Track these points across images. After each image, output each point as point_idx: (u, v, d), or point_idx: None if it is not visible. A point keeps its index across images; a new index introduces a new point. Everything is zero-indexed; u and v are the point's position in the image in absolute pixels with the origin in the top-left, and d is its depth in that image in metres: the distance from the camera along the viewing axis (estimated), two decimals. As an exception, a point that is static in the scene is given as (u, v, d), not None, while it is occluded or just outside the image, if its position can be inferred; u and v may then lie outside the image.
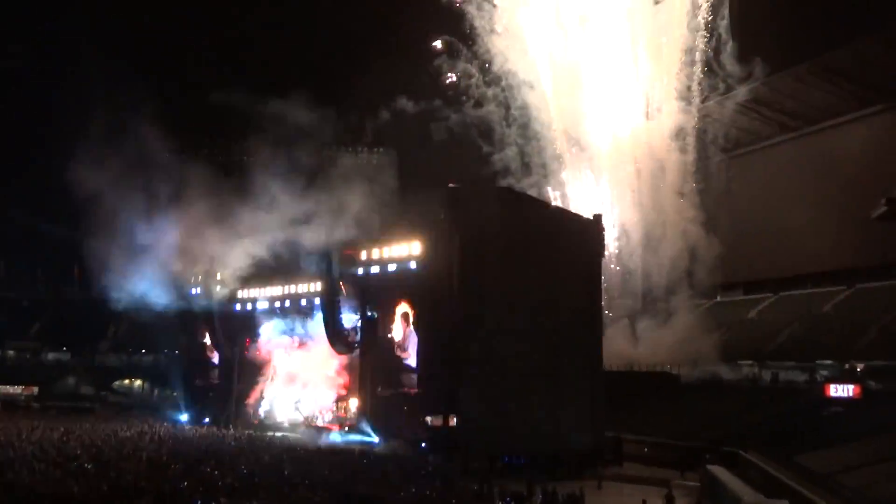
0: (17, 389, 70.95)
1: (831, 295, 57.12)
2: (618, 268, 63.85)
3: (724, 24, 59.90)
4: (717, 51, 60.05)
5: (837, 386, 42.28)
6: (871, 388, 41.98)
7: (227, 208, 49.20)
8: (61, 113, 69.15)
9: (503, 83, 63.67)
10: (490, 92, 63.66)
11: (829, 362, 48.61)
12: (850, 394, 41.35)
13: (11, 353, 77.00)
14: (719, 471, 31.67)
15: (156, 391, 71.34)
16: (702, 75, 60.60)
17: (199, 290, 57.95)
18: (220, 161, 70.57)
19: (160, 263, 54.57)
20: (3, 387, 70.76)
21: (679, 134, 62.63)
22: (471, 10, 62.35)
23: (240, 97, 54.98)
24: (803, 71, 56.89)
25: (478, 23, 62.60)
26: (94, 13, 77.06)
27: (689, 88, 61.57)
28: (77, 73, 69.55)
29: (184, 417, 56.89)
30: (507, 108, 64.06)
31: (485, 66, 63.49)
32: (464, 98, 63.36)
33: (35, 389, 70.61)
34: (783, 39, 56.20)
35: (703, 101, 62.09)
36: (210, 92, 60.48)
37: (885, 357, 45.39)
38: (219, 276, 56.30)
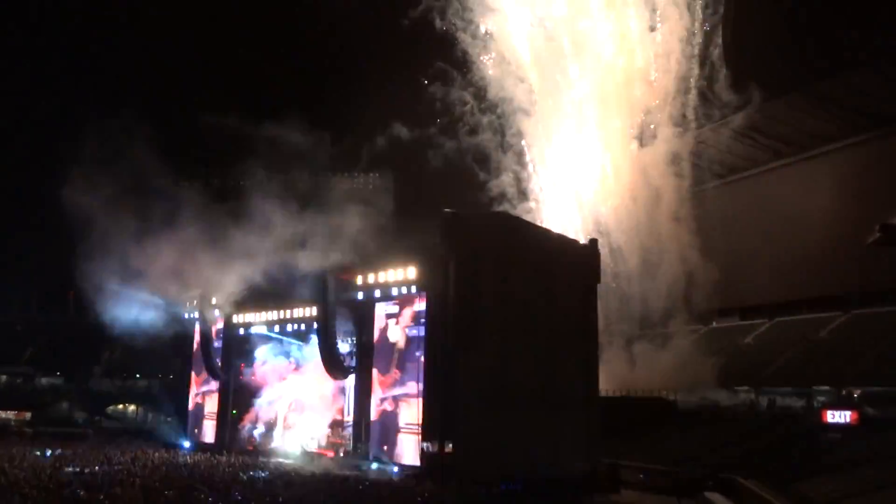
0: (10, 414, 70.42)
1: (827, 321, 57.16)
2: (616, 292, 63.83)
3: (717, 52, 60.54)
4: (710, 78, 60.64)
5: (834, 412, 42.21)
6: (868, 414, 41.94)
7: (222, 232, 49.14)
8: (55, 136, 69.29)
9: (498, 110, 64.15)
10: (485, 119, 64.03)
11: (825, 388, 48.60)
12: (848, 420, 41.30)
13: (4, 377, 76.50)
14: (717, 498, 31.52)
15: (150, 416, 70.84)
16: (697, 101, 61.05)
17: (193, 314, 57.77)
18: (215, 185, 70.75)
19: (155, 288, 54.47)
20: (-4, 412, 70.27)
21: (674, 160, 62.96)
22: (464, 37, 62.88)
23: (234, 120, 55.07)
24: (797, 98, 57.41)
25: (471, 50, 63.18)
26: (88, 38, 77.54)
27: (683, 115, 61.98)
28: (71, 96, 69.91)
29: (186, 444, 56.24)
30: (503, 134, 64.42)
31: (479, 93, 63.94)
32: (459, 125, 63.69)
33: (28, 415, 70.07)
34: (776, 68, 56.84)
35: (698, 128, 62.47)
36: (205, 115, 60.53)
37: (881, 383, 45.44)
38: (213, 301, 56.15)
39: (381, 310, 45.45)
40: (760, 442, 43.71)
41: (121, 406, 74.92)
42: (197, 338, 58.28)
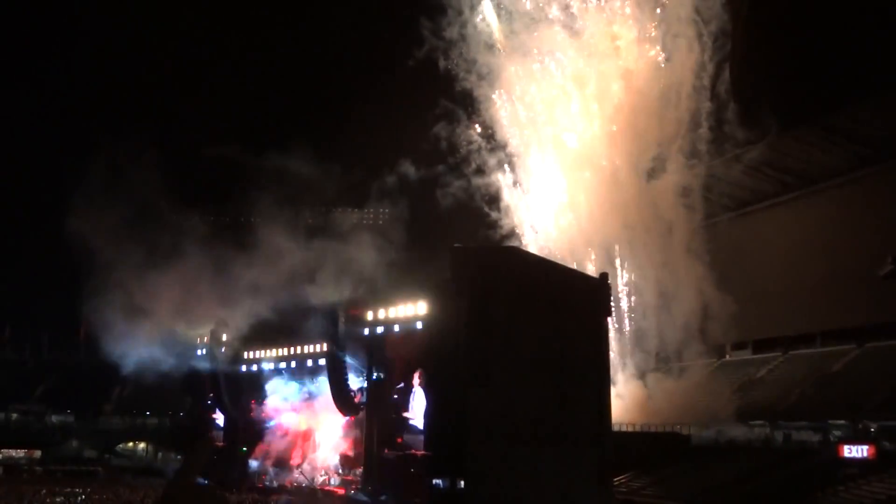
0: (20, 453, 70.27)
1: (841, 353, 56.59)
2: (631, 326, 63.70)
3: (724, 87, 60.87)
4: (719, 112, 60.92)
5: (851, 446, 41.61)
6: (885, 448, 41.34)
7: (232, 268, 49.34)
8: (60, 168, 69.68)
9: (507, 149, 64.38)
10: (493, 159, 64.21)
11: (841, 422, 47.97)
12: (865, 454, 40.69)
13: (15, 415, 76.45)
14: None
15: (160, 454, 70.55)
16: (707, 134, 61.22)
17: (203, 351, 57.75)
18: (224, 220, 70.93)
19: (164, 325, 54.57)
20: (6, 450, 70.09)
21: (685, 192, 63.04)
22: (471, 79, 63.22)
23: (242, 151, 55.17)
24: (805, 132, 57.52)
25: (476, 90, 63.53)
26: (95, 66, 78.12)
27: (694, 148, 62.13)
28: (76, 126, 70.33)
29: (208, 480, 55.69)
30: (513, 171, 64.54)
31: (488, 133, 64.17)
32: (466, 165, 63.80)
33: (38, 453, 69.92)
34: (783, 102, 57.08)
35: (709, 161, 62.61)
36: (213, 146, 60.59)
37: (897, 417, 44.86)
38: (224, 338, 56.23)
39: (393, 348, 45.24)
40: (777, 478, 43.08)
41: (130, 444, 74.66)
42: (207, 375, 58.08)
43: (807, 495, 37.81)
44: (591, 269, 57.30)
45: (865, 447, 41.00)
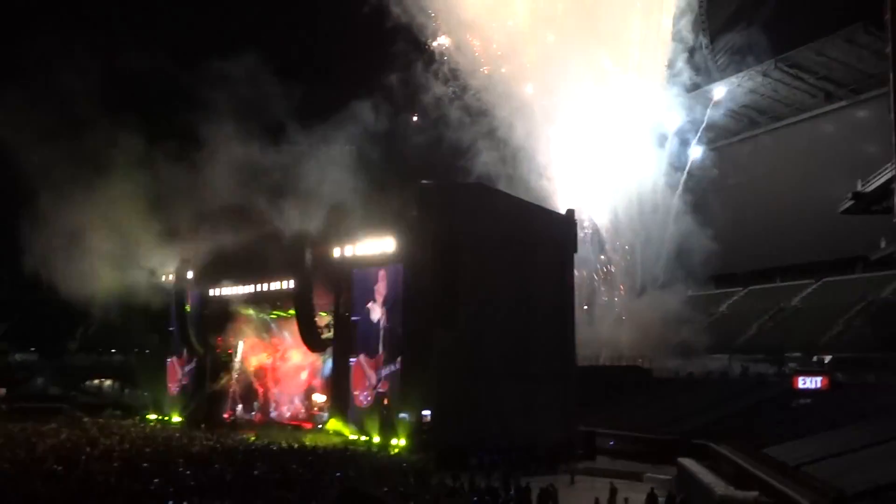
0: (-15, 391, 69.76)
1: (799, 288, 57.98)
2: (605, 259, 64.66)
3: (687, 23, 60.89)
4: (691, 51, 60.88)
5: (806, 378, 42.97)
6: (838, 379, 42.73)
7: (196, 204, 48.02)
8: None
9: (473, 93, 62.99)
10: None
11: (797, 355, 49.39)
12: (819, 385, 42.09)
13: (-22, 355, 75.63)
14: (691, 463, 32.04)
15: (126, 391, 70.52)
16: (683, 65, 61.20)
17: (170, 288, 57.24)
18: (190, 156, 68.00)
19: (130, 262, 53.78)
20: (-30, 388, 69.54)
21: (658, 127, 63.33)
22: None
23: (190, 59, 50.69)
24: (770, 68, 57.65)
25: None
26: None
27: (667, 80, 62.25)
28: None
29: (176, 417, 55.75)
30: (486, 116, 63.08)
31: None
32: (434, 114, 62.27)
33: (3, 391, 69.45)
34: (750, 39, 57.08)
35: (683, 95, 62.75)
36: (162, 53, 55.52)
37: (851, 349, 46.26)
38: (190, 275, 55.74)
39: (361, 288, 45.01)
40: (733, 408, 44.42)
41: (97, 381, 74.45)
42: (173, 311, 57.72)
43: (761, 424, 39.04)
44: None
45: (819, 379, 42.38)
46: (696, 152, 65.93)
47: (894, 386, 38.60)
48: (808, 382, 42.55)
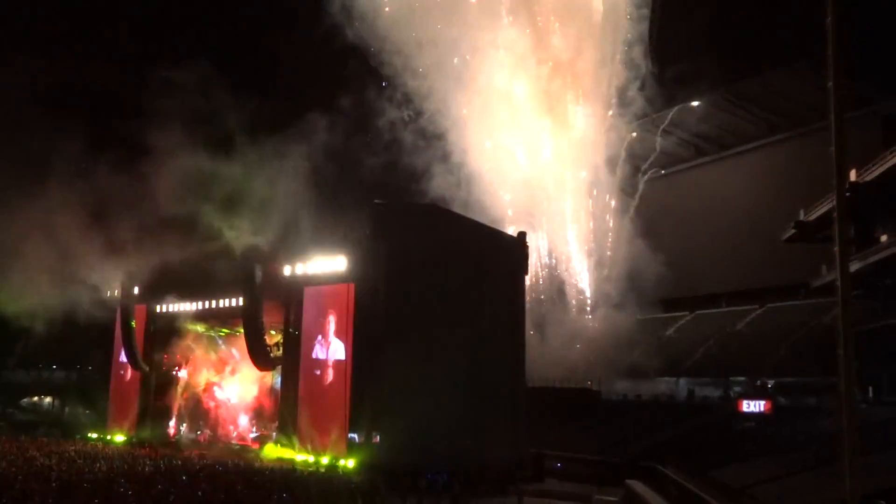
0: (-85, 410, 67.11)
1: (744, 314, 59.24)
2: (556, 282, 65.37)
3: (639, 53, 62.27)
4: (640, 77, 62.19)
5: (750, 402, 43.79)
6: (780, 403, 43.64)
7: (144, 217, 46.82)
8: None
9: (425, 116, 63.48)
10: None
11: (741, 379, 50.36)
12: (762, 409, 42.92)
13: (-90, 372, 72.71)
14: (638, 485, 32.37)
15: (66, 409, 68.47)
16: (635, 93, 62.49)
17: (115, 303, 55.86)
18: (137, 167, 66.22)
19: (73, 276, 52.29)
20: None
21: (608, 156, 64.51)
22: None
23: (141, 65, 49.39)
24: (717, 98, 59.27)
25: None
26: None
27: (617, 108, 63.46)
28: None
29: (119, 437, 54.04)
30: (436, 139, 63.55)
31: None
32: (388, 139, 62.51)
33: (-64, 409, 66.97)
34: (698, 69, 58.61)
35: (632, 122, 64.03)
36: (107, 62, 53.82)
37: (793, 374, 47.32)
38: (136, 290, 54.57)
39: (311, 303, 44.64)
40: (679, 431, 45.03)
41: (35, 398, 72.18)
42: (118, 327, 56.35)
43: (706, 446, 39.62)
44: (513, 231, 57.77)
45: (763, 402, 43.23)
46: (646, 178, 67.38)
47: (834, 410, 39.52)
48: (752, 406, 43.37)
